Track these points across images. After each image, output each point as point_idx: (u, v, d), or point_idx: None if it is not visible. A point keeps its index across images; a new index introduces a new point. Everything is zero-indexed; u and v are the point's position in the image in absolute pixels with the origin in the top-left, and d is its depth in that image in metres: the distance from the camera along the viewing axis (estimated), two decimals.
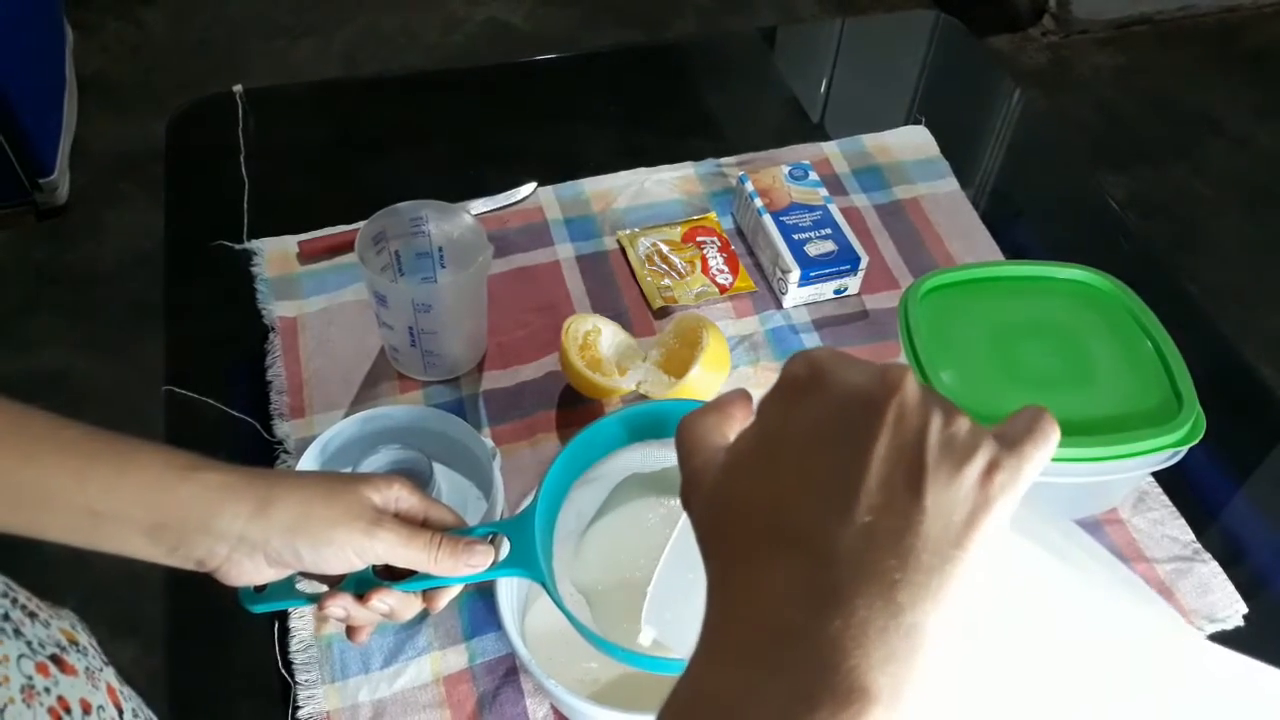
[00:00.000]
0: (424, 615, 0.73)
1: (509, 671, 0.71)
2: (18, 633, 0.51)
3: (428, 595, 0.57)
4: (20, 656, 0.50)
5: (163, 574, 0.73)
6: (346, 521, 0.52)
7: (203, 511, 0.50)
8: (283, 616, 0.72)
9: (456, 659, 0.71)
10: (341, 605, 0.55)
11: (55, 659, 0.53)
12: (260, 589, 0.56)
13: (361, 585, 0.55)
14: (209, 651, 0.73)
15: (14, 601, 0.52)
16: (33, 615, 0.53)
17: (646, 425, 0.61)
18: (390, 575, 0.56)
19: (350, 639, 0.57)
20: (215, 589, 0.74)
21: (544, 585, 0.55)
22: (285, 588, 0.56)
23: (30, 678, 0.50)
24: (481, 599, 0.74)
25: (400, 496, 0.55)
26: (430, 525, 0.56)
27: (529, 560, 0.56)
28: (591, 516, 0.64)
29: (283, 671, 0.70)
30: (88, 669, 0.55)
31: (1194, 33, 2.69)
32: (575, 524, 0.63)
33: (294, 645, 0.71)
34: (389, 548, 0.53)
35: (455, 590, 0.58)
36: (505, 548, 0.57)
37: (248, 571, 0.52)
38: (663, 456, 0.63)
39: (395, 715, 0.69)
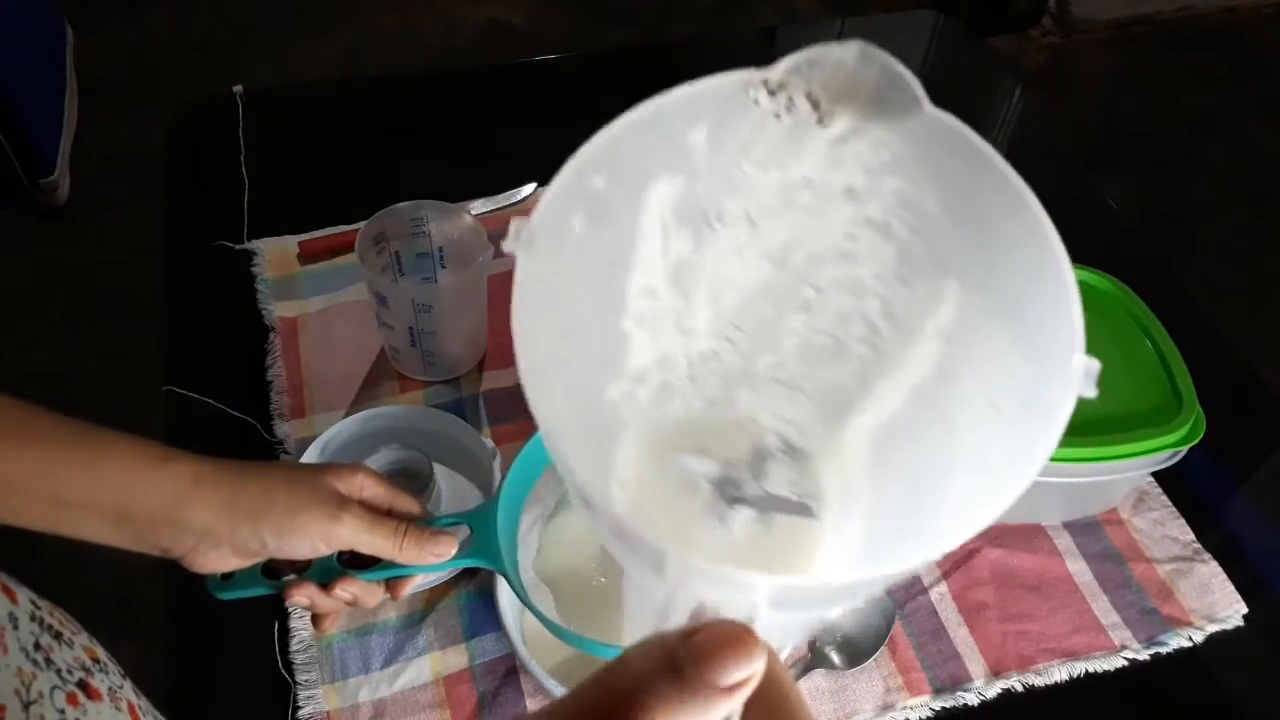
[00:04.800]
0: (422, 617, 0.73)
1: (509, 671, 0.71)
2: (48, 661, 0.51)
3: (390, 584, 0.58)
4: (53, 689, 0.50)
5: (163, 575, 0.73)
6: (311, 508, 0.53)
7: (171, 503, 0.51)
8: (283, 617, 0.73)
9: (456, 659, 0.71)
10: (306, 594, 0.55)
11: (82, 684, 0.53)
12: (227, 576, 0.56)
13: (326, 574, 0.56)
14: (209, 651, 0.73)
15: (42, 624, 0.52)
16: (58, 635, 0.53)
17: None
18: (355, 564, 0.57)
19: (314, 627, 0.58)
20: None
21: (505, 575, 0.56)
22: (251, 576, 0.56)
23: (62, 711, 0.50)
24: (481, 599, 0.74)
25: (365, 485, 0.56)
26: (395, 514, 0.57)
27: (490, 551, 0.56)
28: (555, 505, 0.64)
29: (283, 671, 0.70)
30: (110, 689, 0.55)
31: (1194, 33, 2.69)
32: (540, 514, 0.64)
33: (294, 645, 0.71)
34: (354, 533, 0.54)
35: (417, 579, 0.59)
36: (468, 538, 0.57)
37: (213, 560, 0.53)
38: None
39: (395, 715, 0.69)
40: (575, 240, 0.39)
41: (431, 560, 0.56)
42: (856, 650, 0.72)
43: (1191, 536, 0.80)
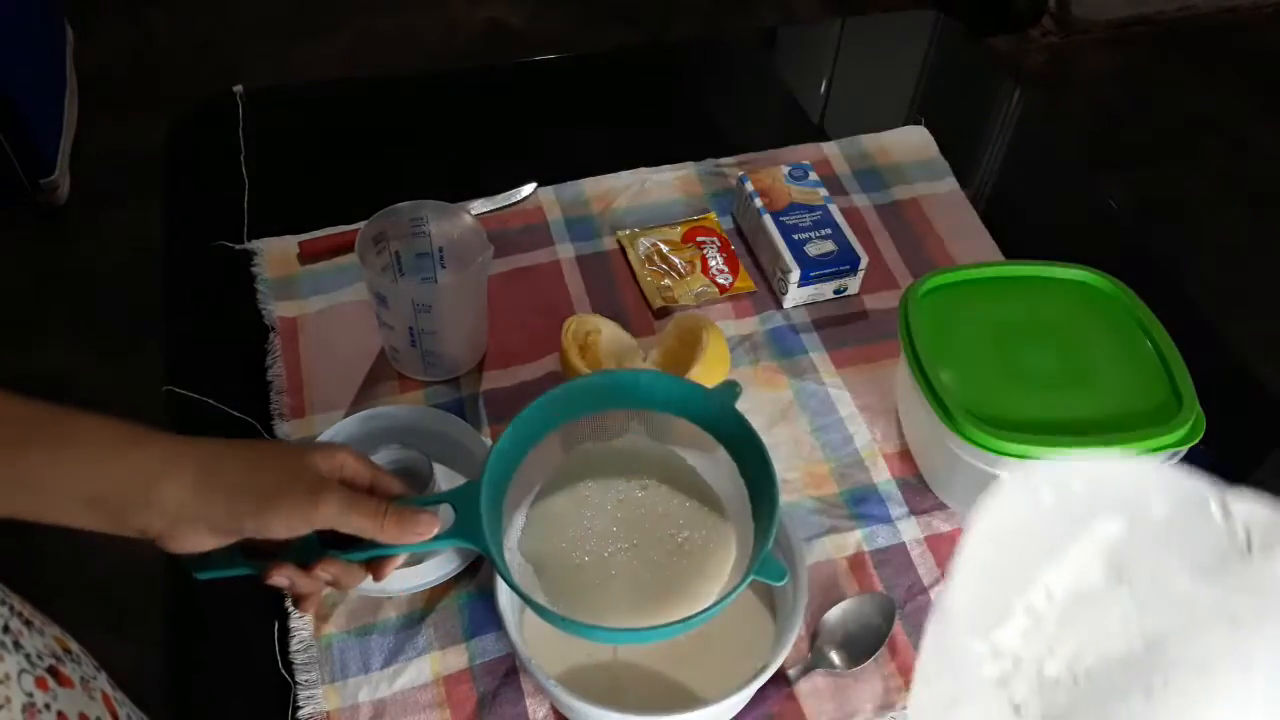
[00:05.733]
0: (421, 617, 0.73)
1: (509, 671, 0.71)
2: (17, 645, 0.50)
3: (372, 565, 0.57)
4: (21, 672, 0.50)
5: (162, 574, 0.73)
6: (289, 487, 0.52)
7: (144, 483, 0.50)
8: (283, 617, 0.72)
9: (456, 659, 0.71)
10: (286, 575, 0.54)
11: (53, 671, 0.52)
12: (205, 556, 0.55)
13: (306, 554, 0.55)
14: (209, 651, 0.73)
15: (11, 609, 0.52)
16: (29, 623, 0.53)
17: (603, 396, 0.62)
18: (337, 544, 0.56)
19: (296, 608, 0.57)
20: (215, 590, 0.74)
21: (487, 554, 0.56)
22: (230, 556, 0.55)
23: (31, 695, 0.50)
24: (481, 599, 0.74)
25: (346, 464, 0.55)
26: (377, 494, 0.56)
27: (474, 531, 0.56)
28: (541, 486, 0.64)
29: (283, 671, 0.70)
30: (83, 678, 0.55)
31: (1194, 33, 2.69)
32: (526, 493, 0.64)
33: (294, 645, 0.71)
34: (334, 512, 0.53)
35: (399, 560, 0.58)
36: (451, 517, 0.57)
37: (189, 541, 0.52)
38: (617, 428, 0.64)
39: (395, 715, 0.69)
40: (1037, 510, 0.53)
41: (413, 540, 0.55)
42: (856, 650, 0.72)
43: None
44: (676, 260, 0.96)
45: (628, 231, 0.99)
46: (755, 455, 0.60)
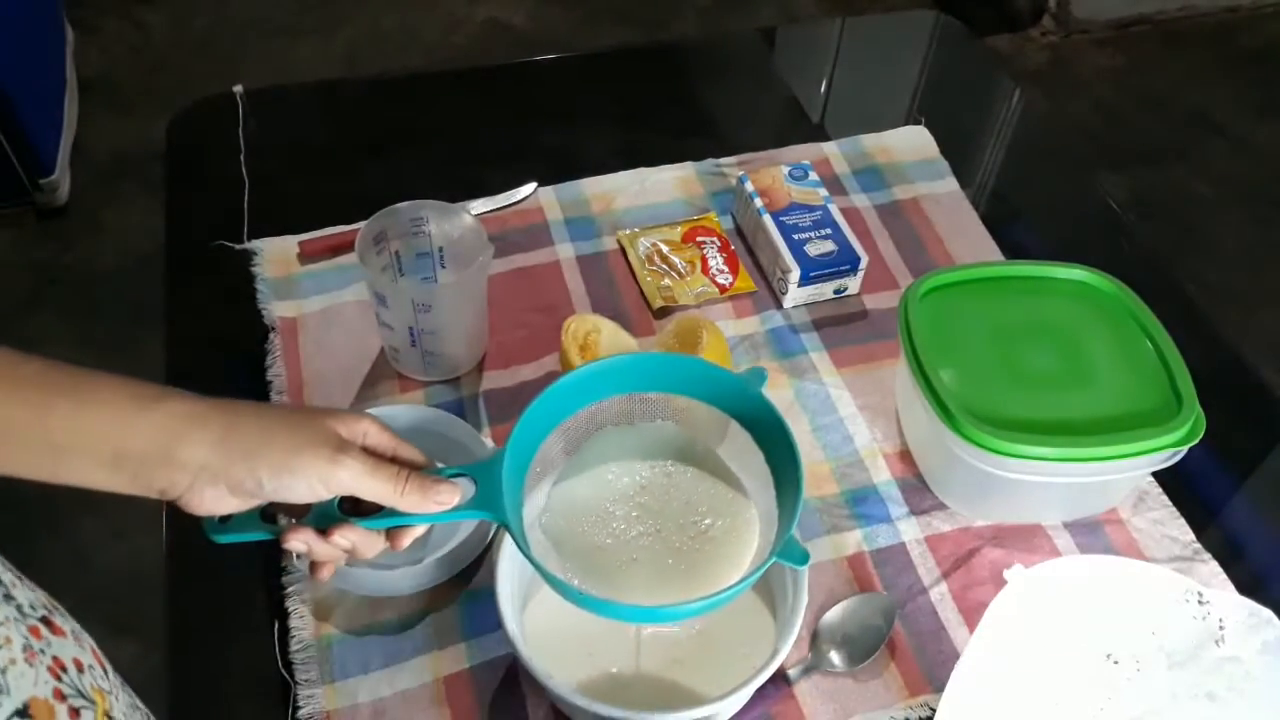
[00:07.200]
0: (421, 616, 0.73)
1: (509, 671, 0.71)
2: (8, 597, 0.51)
3: (391, 534, 0.57)
4: (15, 620, 0.50)
5: (162, 574, 0.73)
6: (310, 448, 0.52)
7: (165, 441, 0.50)
8: (283, 617, 0.73)
9: (456, 659, 0.71)
10: (303, 539, 0.54)
11: (45, 620, 0.53)
12: (225, 520, 0.55)
13: (324, 520, 0.55)
14: (209, 651, 0.73)
15: (4, 564, 0.52)
16: (20, 578, 0.53)
17: (630, 377, 0.62)
18: (356, 512, 0.56)
19: (312, 575, 0.57)
20: (215, 589, 0.74)
21: (506, 527, 0.56)
22: (249, 520, 0.55)
23: (27, 638, 0.50)
24: (481, 599, 0.74)
25: (369, 432, 0.55)
26: (399, 463, 0.56)
27: (494, 504, 0.56)
28: (565, 466, 0.64)
29: (283, 671, 0.70)
30: (73, 631, 0.55)
31: (1194, 33, 2.69)
32: (547, 472, 0.64)
33: (294, 645, 0.71)
34: (354, 476, 0.52)
35: (418, 530, 0.58)
36: (472, 490, 0.57)
37: (209, 501, 0.52)
38: (642, 412, 0.64)
39: (395, 715, 0.69)
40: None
41: (434, 508, 0.55)
42: (856, 650, 0.72)
43: (1191, 536, 0.80)
44: (676, 260, 0.96)
45: (628, 231, 0.99)
46: (781, 441, 0.60)
